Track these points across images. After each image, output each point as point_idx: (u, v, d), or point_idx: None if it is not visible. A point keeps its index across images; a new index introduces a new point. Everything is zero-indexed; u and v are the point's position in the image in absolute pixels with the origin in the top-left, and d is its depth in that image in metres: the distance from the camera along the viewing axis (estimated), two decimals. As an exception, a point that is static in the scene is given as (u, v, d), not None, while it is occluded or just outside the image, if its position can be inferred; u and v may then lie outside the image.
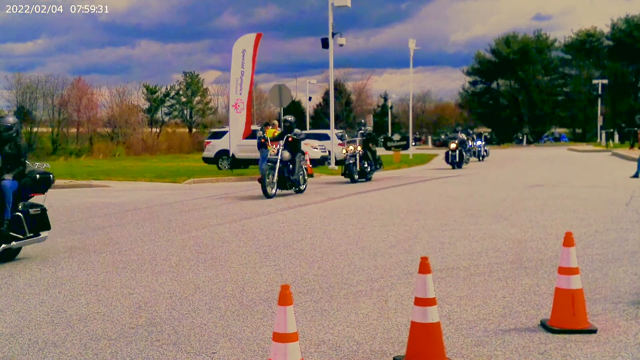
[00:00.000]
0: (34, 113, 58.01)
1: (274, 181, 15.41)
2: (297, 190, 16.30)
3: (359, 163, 19.94)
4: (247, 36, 24.75)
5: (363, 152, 20.25)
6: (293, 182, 15.93)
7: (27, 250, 8.69)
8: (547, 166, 28.93)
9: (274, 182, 15.40)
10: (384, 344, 4.75)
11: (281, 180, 15.65)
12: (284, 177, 15.62)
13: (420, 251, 8.18)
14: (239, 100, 24.39)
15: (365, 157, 20.46)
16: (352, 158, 20.05)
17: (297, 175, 16.02)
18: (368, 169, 20.43)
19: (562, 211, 11.84)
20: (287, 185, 15.83)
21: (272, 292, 6.27)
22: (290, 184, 15.86)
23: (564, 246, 4.99)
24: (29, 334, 5.16)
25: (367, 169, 20.38)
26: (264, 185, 15.02)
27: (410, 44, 42.38)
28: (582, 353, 4.48)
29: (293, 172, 15.86)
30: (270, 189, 15.25)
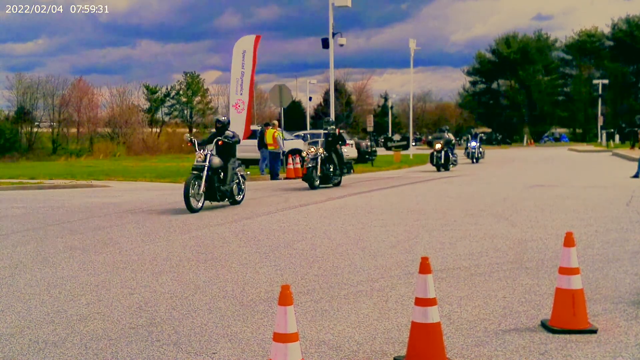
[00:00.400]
0: (34, 113, 58.09)
1: (201, 192, 13.06)
2: (231, 202, 14.13)
3: (319, 167, 17.99)
4: (247, 37, 24.80)
5: (327, 155, 18.37)
6: (224, 192, 13.63)
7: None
8: (547, 166, 28.90)
9: (200, 194, 13.06)
10: (385, 344, 4.75)
11: (210, 190, 13.33)
12: (213, 188, 13.33)
13: (420, 251, 8.18)
14: (240, 100, 24.42)
15: (329, 160, 18.51)
16: (312, 161, 18.04)
17: (229, 184, 13.76)
18: (331, 174, 18.46)
19: (563, 211, 11.83)
20: (217, 196, 13.50)
21: (273, 292, 6.27)
22: (220, 195, 13.55)
23: (565, 246, 4.99)
24: (29, 334, 5.16)
25: (331, 174, 18.43)
26: (186, 198, 12.59)
27: (411, 44, 42.40)
28: (582, 353, 4.47)
29: (224, 182, 13.64)
30: (196, 201, 12.94)
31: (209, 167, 13.07)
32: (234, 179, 13.93)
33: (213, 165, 13.24)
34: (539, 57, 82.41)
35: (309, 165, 17.89)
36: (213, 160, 13.31)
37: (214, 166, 13.28)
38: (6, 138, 51.98)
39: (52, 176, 24.76)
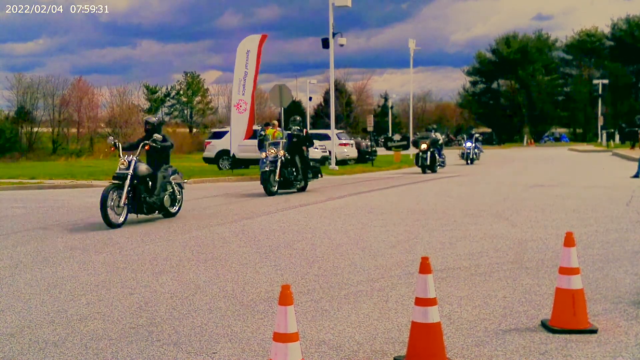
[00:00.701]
0: (34, 113, 58.12)
1: (122, 205, 11.09)
2: (164, 214, 12.22)
3: (278, 171, 16.15)
4: (252, 37, 24.80)
5: (289, 158, 16.51)
6: (151, 204, 11.70)
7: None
8: (547, 166, 28.89)
9: (121, 206, 11.09)
10: (385, 344, 4.75)
11: (135, 202, 11.46)
12: (139, 199, 11.49)
13: (420, 251, 8.18)
14: (242, 100, 24.44)
15: (292, 163, 16.64)
16: (271, 164, 16.11)
17: (158, 195, 11.83)
18: (294, 178, 16.70)
19: (563, 211, 11.83)
20: (144, 209, 11.62)
21: (273, 292, 6.27)
22: (147, 207, 11.65)
23: (565, 246, 4.99)
24: (29, 333, 5.16)
25: (293, 178, 16.68)
26: (103, 210, 10.79)
27: (411, 44, 42.43)
28: (582, 353, 4.47)
29: (152, 192, 11.74)
30: (116, 215, 10.99)
31: (132, 175, 11.25)
32: (165, 188, 12.12)
33: (139, 173, 11.42)
34: (539, 57, 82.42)
35: (266, 169, 16.02)
36: (139, 167, 11.46)
37: (140, 174, 11.47)
38: (6, 138, 51.98)
39: (52, 176, 24.76)
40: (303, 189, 17.18)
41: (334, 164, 28.18)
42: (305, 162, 17.11)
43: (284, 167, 16.36)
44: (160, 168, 12.06)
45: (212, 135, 32.35)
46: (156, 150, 12.09)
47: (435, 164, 25.38)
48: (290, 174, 16.68)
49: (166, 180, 12.15)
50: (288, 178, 16.58)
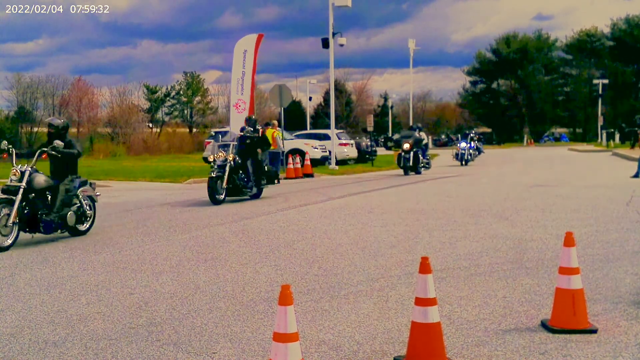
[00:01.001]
0: (34, 113, 58.15)
1: (10, 224, 9.17)
2: (72, 233, 10.28)
3: (226, 177, 14.39)
4: (249, 37, 24.82)
5: (239, 162, 14.84)
6: (49, 223, 9.66)
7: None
8: (547, 166, 28.88)
9: (9, 226, 9.17)
10: (385, 344, 4.75)
11: (29, 219, 9.57)
12: (35, 216, 9.58)
13: (420, 251, 8.18)
14: (240, 100, 24.46)
15: (243, 168, 15.02)
16: (219, 170, 14.40)
17: (59, 212, 9.88)
18: (245, 185, 15.02)
19: (563, 211, 11.83)
20: (41, 227, 9.64)
21: (273, 292, 6.27)
22: (45, 225, 9.64)
23: (565, 246, 4.99)
24: (29, 333, 5.16)
25: (243, 185, 14.95)
26: None
27: (410, 44, 42.48)
28: (582, 353, 4.47)
29: (52, 208, 9.85)
30: (1, 236, 9.10)
31: (26, 188, 9.44)
32: (70, 202, 10.14)
33: (35, 186, 9.64)
34: (539, 57, 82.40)
35: (213, 175, 14.27)
36: (35, 178, 9.67)
37: (37, 187, 9.68)
38: (6, 138, 51.99)
39: (52, 176, 24.72)
40: (256, 196, 15.46)
41: (334, 163, 28.19)
42: (258, 166, 15.47)
43: (233, 172, 14.66)
44: (65, 179, 10.27)
45: (212, 135, 32.34)
46: (59, 159, 10.40)
47: (418, 164, 23.80)
48: (241, 180, 14.97)
49: (71, 194, 10.23)
50: (238, 185, 14.87)
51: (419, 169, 23.80)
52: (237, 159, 14.79)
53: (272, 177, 16.19)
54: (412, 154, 23.48)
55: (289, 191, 17.38)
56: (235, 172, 14.74)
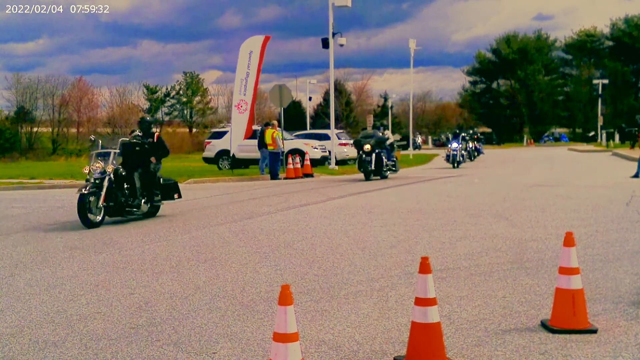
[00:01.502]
0: (34, 113, 58.17)
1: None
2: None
3: (104, 193, 11.37)
4: (255, 38, 24.84)
5: (123, 174, 11.87)
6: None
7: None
8: (547, 166, 28.87)
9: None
10: (385, 344, 4.75)
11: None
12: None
13: (420, 251, 8.17)
14: (243, 100, 24.45)
15: (128, 181, 12.00)
16: (93, 185, 11.41)
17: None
18: (129, 202, 11.87)
19: (563, 211, 11.83)
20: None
21: (273, 292, 6.27)
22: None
23: (565, 246, 4.99)
24: (29, 334, 5.16)
25: (129, 202, 11.86)
26: None
27: (411, 44, 42.45)
28: (582, 353, 4.47)
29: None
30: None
31: None
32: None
33: None
34: (539, 57, 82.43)
35: (84, 191, 11.26)
36: None
37: None
38: (6, 138, 52.01)
39: (52, 176, 24.77)
40: (151, 214, 12.59)
41: (333, 163, 28.20)
42: (150, 179, 12.44)
43: (116, 187, 11.67)
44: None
45: (212, 135, 32.35)
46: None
47: (382, 168, 21.01)
48: (125, 197, 11.85)
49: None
50: (121, 202, 11.75)
51: (383, 173, 21.21)
52: (121, 171, 11.87)
53: (170, 191, 13.03)
54: (374, 155, 20.69)
55: (289, 191, 17.38)
56: (119, 187, 11.77)
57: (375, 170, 20.79)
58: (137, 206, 12.05)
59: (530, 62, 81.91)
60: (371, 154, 20.65)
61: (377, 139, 21.15)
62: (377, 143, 20.87)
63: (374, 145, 20.70)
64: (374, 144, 20.71)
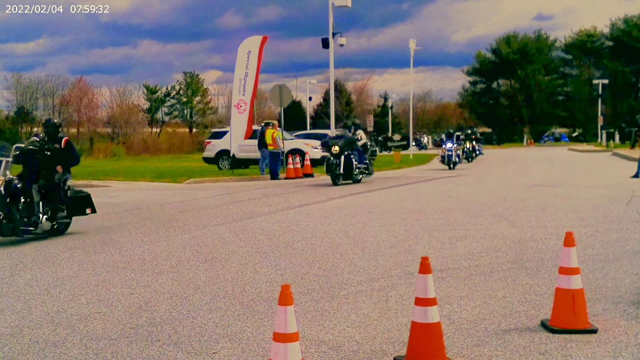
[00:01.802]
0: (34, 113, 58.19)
1: None
2: None
3: None
4: (253, 38, 24.89)
5: (17, 186, 9.99)
6: None
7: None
8: (547, 166, 28.86)
9: None
10: (385, 344, 4.75)
11: None
12: None
13: (420, 251, 8.17)
14: (242, 100, 24.47)
15: (26, 195, 10.06)
16: None
17: None
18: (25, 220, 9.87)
19: (563, 211, 11.83)
20: None
21: (273, 292, 6.27)
22: None
23: (565, 246, 4.99)
24: (29, 333, 5.16)
25: (24, 220, 9.86)
26: None
27: (411, 44, 42.43)
28: (582, 353, 4.47)
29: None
30: None
31: None
32: None
33: None
34: (539, 57, 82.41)
35: None
36: None
37: None
38: (6, 138, 52.00)
39: (52, 176, 24.73)
40: (58, 232, 10.52)
41: (334, 164, 28.16)
42: (54, 192, 10.39)
43: (10, 202, 9.76)
44: None
45: (212, 135, 32.34)
46: None
47: (352, 172, 18.95)
48: (22, 213, 9.91)
49: None
50: (16, 219, 9.74)
51: (354, 177, 19.16)
52: (16, 182, 9.99)
53: (82, 205, 10.90)
54: (342, 158, 18.63)
55: (289, 191, 17.38)
56: (13, 201, 9.82)
57: (344, 174, 18.81)
58: (34, 224, 9.97)
59: (530, 62, 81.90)
60: (340, 156, 18.66)
61: (346, 139, 19.10)
62: (346, 144, 18.84)
63: (343, 147, 18.69)
64: (343, 145, 18.69)
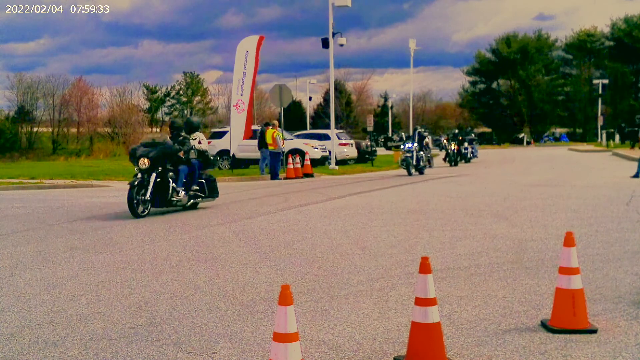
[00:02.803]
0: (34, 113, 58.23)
1: None
2: None
3: None
4: (250, 38, 24.93)
5: None
6: None
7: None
8: (547, 166, 28.86)
9: None
10: (385, 343, 4.75)
11: None
12: None
13: (420, 251, 8.17)
14: (240, 100, 24.50)
15: None
16: None
17: None
18: None
19: (563, 211, 11.83)
20: None
21: (273, 292, 6.27)
22: None
23: (565, 246, 4.99)
24: (29, 333, 5.16)
25: None
26: None
27: (411, 44, 42.51)
28: (582, 353, 4.47)
29: None
30: None
31: None
32: None
33: None
34: (539, 57, 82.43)
35: None
36: None
37: None
38: (6, 138, 52.07)
39: (52, 176, 24.76)
40: None
41: (334, 163, 28.20)
42: None
43: None
44: None
45: (212, 135, 32.36)
46: None
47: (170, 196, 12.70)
48: None
49: None
50: None
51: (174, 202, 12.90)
52: None
53: None
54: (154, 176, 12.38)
55: (289, 191, 17.38)
56: None
57: (158, 200, 12.63)
58: None
59: (530, 62, 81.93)
60: (150, 172, 12.35)
61: (164, 149, 12.62)
62: (164, 156, 12.62)
63: (157, 159, 12.47)
64: (156, 156, 12.42)
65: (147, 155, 12.42)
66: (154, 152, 12.50)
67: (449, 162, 30.41)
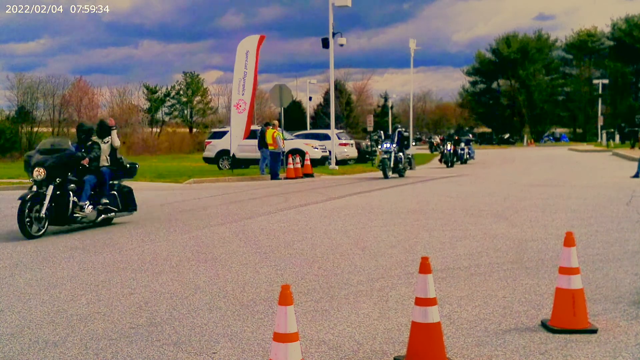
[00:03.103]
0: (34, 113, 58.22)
1: None
2: None
3: None
4: (251, 37, 24.92)
5: None
6: None
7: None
8: (547, 166, 28.85)
9: None
10: (385, 343, 4.75)
11: None
12: None
13: (420, 251, 8.17)
14: (241, 100, 24.49)
15: None
16: None
17: None
18: None
19: (563, 211, 11.83)
20: None
21: (273, 292, 6.27)
22: None
23: (565, 246, 4.99)
24: (29, 333, 5.16)
25: None
26: None
27: (411, 44, 42.51)
28: (582, 353, 4.47)
29: None
30: None
31: None
32: None
33: None
34: (539, 57, 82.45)
35: None
36: None
37: None
38: (6, 138, 52.03)
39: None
40: None
41: (334, 163, 28.20)
42: None
43: None
44: None
45: (212, 135, 32.36)
46: None
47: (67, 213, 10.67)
48: None
49: None
50: None
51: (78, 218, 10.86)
52: None
53: None
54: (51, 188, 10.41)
55: (289, 191, 17.38)
56: None
57: (58, 218, 10.68)
58: None
59: (530, 62, 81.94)
60: (47, 185, 10.46)
61: (64, 156, 10.77)
62: (64, 165, 10.73)
63: (55, 168, 10.54)
64: (54, 165, 10.53)
65: (42, 164, 10.42)
66: (51, 160, 10.52)
67: (445, 162, 30.12)
